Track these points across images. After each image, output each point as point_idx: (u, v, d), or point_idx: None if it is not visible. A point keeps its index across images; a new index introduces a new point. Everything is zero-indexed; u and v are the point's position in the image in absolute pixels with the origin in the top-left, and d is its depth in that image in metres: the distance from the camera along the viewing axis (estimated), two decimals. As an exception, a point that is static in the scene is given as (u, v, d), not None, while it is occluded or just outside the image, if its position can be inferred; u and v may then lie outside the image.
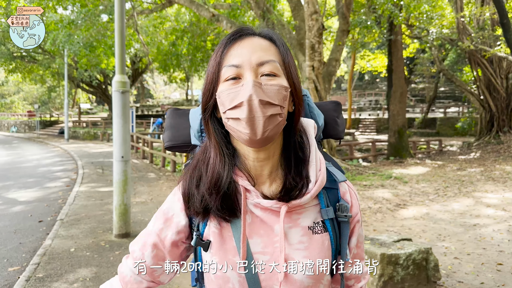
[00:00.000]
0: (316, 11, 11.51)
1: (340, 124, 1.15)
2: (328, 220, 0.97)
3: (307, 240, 0.94)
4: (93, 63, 20.24)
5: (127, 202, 5.81)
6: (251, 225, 0.95)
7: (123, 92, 5.62)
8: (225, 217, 0.94)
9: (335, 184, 1.01)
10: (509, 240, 5.74)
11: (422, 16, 15.29)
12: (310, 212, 0.97)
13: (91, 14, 12.59)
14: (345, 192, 1.02)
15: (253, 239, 0.94)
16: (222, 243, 0.95)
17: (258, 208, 0.95)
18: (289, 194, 0.94)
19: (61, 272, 4.59)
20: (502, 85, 19.17)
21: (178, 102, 49.57)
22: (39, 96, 46.73)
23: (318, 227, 0.96)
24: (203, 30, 17.23)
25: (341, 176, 1.02)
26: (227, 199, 0.94)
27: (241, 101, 0.86)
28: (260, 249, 0.94)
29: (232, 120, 0.89)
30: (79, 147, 22.70)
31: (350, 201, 1.01)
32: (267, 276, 0.93)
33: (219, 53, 0.94)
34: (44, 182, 10.90)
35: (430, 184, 10.22)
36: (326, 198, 0.98)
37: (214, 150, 0.97)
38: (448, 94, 40.37)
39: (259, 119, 0.86)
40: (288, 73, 0.94)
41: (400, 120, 16.54)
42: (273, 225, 0.94)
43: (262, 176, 0.97)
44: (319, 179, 0.95)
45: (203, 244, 0.96)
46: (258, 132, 0.87)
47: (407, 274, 3.91)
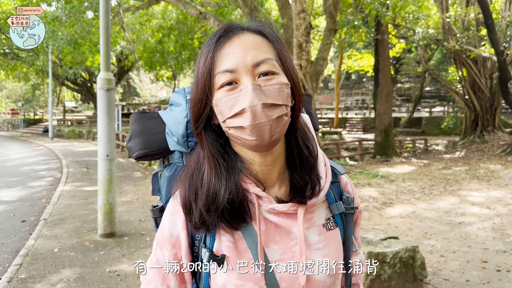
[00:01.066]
0: (304, 10, 11.51)
1: (315, 116, 1.12)
2: (337, 215, 0.96)
3: (324, 239, 0.92)
4: (78, 61, 19.95)
5: (112, 201, 5.73)
6: (265, 232, 0.89)
7: (108, 90, 5.54)
8: (235, 227, 0.88)
9: (336, 178, 0.99)
10: (493, 238, 5.81)
11: (408, 16, 15.41)
12: (321, 209, 0.94)
13: (76, 10, 12.41)
14: (346, 184, 1.00)
15: (269, 247, 0.89)
16: (238, 256, 0.88)
17: (272, 213, 0.89)
18: (301, 194, 0.90)
19: (44, 273, 4.49)
20: (486, 85, 19.47)
21: (165, 100, 49.25)
22: (23, 94, 45.93)
23: (330, 223, 0.94)
24: (190, 28, 17.12)
25: (341, 169, 1.00)
26: (236, 209, 0.87)
27: (243, 108, 0.80)
28: (278, 256, 0.89)
29: (234, 129, 0.83)
30: (64, 145, 22.39)
31: (352, 192, 1.00)
32: (289, 283, 0.88)
33: (208, 58, 0.86)
34: (28, 181, 10.71)
35: (416, 182, 10.31)
36: (333, 193, 0.96)
37: (209, 162, 0.90)
38: (433, 93, 40.82)
39: (265, 124, 0.80)
40: (285, 69, 0.88)
41: (386, 119, 16.67)
42: (290, 229, 0.89)
43: (270, 180, 0.92)
44: (328, 175, 0.94)
45: (218, 259, 0.87)
46: (265, 138, 0.81)
47: (394, 272, 3.91)
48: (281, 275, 0.88)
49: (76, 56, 18.12)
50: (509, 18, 17.78)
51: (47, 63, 25.60)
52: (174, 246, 0.92)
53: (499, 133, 19.59)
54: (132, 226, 6.34)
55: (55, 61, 27.52)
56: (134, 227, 6.32)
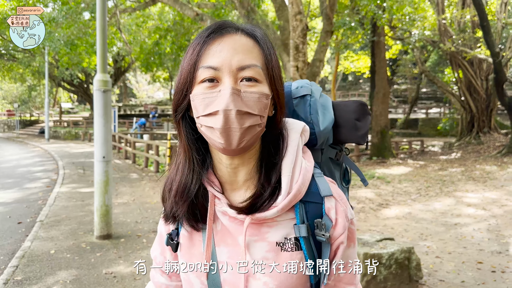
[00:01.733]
0: (300, 11, 11.53)
1: (360, 127, 1.04)
2: (302, 238, 0.86)
3: (272, 257, 0.86)
4: (75, 62, 19.90)
5: (108, 203, 5.72)
6: (219, 233, 0.90)
7: (104, 91, 5.54)
8: (193, 225, 0.91)
9: (320, 198, 0.88)
10: (488, 239, 5.84)
11: (404, 18, 15.48)
12: (283, 227, 0.87)
13: (73, 11, 12.40)
14: (330, 208, 0.87)
15: (220, 247, 0.90)
16: (190, 247, 0.93)
17: (226, 216, 0.89)
18: (258, 202, 0.86)
19: (40, 274, 4.49)
20: (482, 87, 19.57)
21: (162, 101, 49.16)
22: (19, 95, 45.78)
23: (289, 244, 0.86)
24: (187, 29, 17.12)
25: (326, 190, 0.88)
26: (199, 206, 0.90)
27: (217, 110, 0.79)
28: (226, 258, 0.89)
29: (205, 128, 0.83)
30: (60, 147, 22.33)
31: (335, 218, 0.87)
32: (230, 287, 0.88)
33: (196, 50, 0.84)
34: (24, 183, 10.67)
35: (412, 184, 10.35)
36: (302, 213, 0.87)
37: (184, 153, 0.91)
38: (430, 95, 40.96)
39: (235, 130, 0.79)
40: (270, 78, 0.86)
41: (383, 120, 16.72)
42: (237, 235, 0.89)
43: (236, 183, 0.90)
44: (292, 192, 0.85)
45: (171, 244, 0.95)
46: (233, 143, 0.81)
47: (390, 273, 3.93)
48: (225, 278, 0.89)
49: (73, 57, 18.08)
50: (505, 20, 17.88)
51: (43, 64, 25.56)
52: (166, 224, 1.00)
53: (495, 135, 19.68)
54: (128, 228, 6.33)
55: (51, 62, 27.45)
56: (131, 228, 6.31)
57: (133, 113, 39.21)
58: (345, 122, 1.03)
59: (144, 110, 40.78)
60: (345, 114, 1.04)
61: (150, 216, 7.11)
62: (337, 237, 0.88)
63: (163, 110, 38.93)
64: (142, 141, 14.98)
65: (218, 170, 0.91)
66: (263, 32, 0.89)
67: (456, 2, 19.52)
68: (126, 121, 32.74)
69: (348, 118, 1.03)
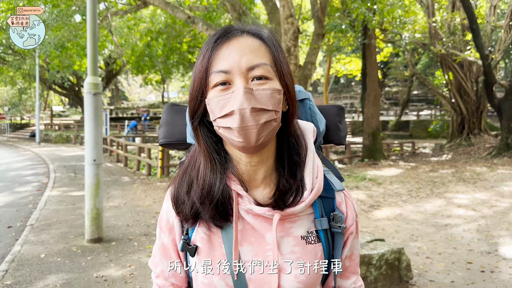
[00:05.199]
0: (292, 14, 11.58)
1: (342, 129, 1.10)
2: (321, 231, 0.93)
3: (299, 251, 0.90)
4: (66, 65, 19.80)
5: (99, 206, 5.70)
6: (242, 232, 0.91)
7: (95, 94, 5.52)
8: (218, 224, 0.90)
9: (331, 193, 0.96)
10: (478, 239, 5.90)
11: (395, 20, 15.61)
12: (304, 221, 0.92)
13: (63, 14, 12.33)
14: (341, 202, 0.97)
15: (243, 246, 0.90)
16: (210, 249, 0.92)
17: (250, 214, 0.90)
18: (282, 199, 0.90)
19: (31, 279, 4.45)
20: (472, 89, 19.76)
21: (154, 104, 49.02)
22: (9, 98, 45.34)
23: (312, 237, 0.92)
24: (178, 32, 17.11)
25: (339, 185, 0.97)
26: (220, 205, 0.90)
27: (232, 110, 0.82)
28: (250, 257, 0.90)
29: (223, 129, 0.86)
30: (51, 150, 22.16)
31: (346, 211, 0.97)
32: (257, 285, 0.89)
33: (206, 57, 0.88)
34: (14, 187, 10.58)
35: (403, 185, 10.41)
36: (321, 208, 0.94)
37: (204, 157, 0.93)
38: (421, 97, 41.31)
39: (252, 128, 0.82)
40: (280, 74, 0.89)
41: (374, 122, 16.81)
42: (264, 233, 0.90)
43: (255, 181, 0.93)
44: (316, 187, 0.91)
45: (189, 249, 0.93)
46: (252, 141, 0.83)
47: (380, 274, 3.96)
48: (251, 277, 0.89)
49: (64, 60, 17.99)
50: (494, 23, 18.09)
51: (34, 67, 25.37)
52: (170, 232, 0.98)
53: (485, 136, 19.89)
54: (119, 231, 6.30)
55: (42, 65, 27.28)
56: (122, 232, 6.29)
57: (125, 116, 39.02)
58: (331, 124, 1.08)
59: (136, 113, 40.58)
60: (330, 117, 1.09)
61: (142, 219, 7.08)
62: (348, 228, 0.98)
63: (155, 113, 38.81)
64: (134, 144, 14.93)
65: (237, 169, 0.92)
66: (269, 31, 0.93)
67: (446, 5, 19.72)
68: (118, 124, 32.58)
69: (333, 121, 1.09)
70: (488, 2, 18.32)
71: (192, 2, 16.76)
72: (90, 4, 5.48)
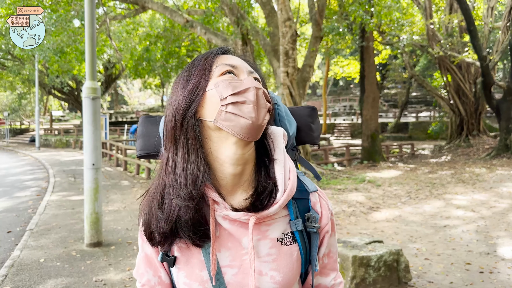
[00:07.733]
0: (290, 18, 11.63)
1: (315, 129, 1.11)
2: (297, 232, 0.95)
3: (275, 252, 0.92)
4: (65, 69, 19.83)
5: (98, 210, 5.71)
6: (219, 238, 0.92)
7: (93, 99, 5.54)
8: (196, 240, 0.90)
9: (306, 194, 0.98)
10: (477, 240, 5.91)
11: (393, 23, 15.66)
12: (280, 223, 0.94)
13: (62, 19, 12.37)
14: (315, 203, 0.99)
15: (221, 252, 0.91)
16: (189, 257, 0.92)
17: (226, 220, 0.91)
18: (259, 200, 0.91)
19: (30, 283, 4.46)
20: (470, 90, 19.81)
21: (154, 108, 49.03)
22: (9, 104, 45.40)
23: (287, 238, 0.94)
24: (177, 36, 17.17)
25: (312, 186, 0.98)
26: (197, 213, 0.89)
27: (248, 87, 0.88)
28: (228, 262, 0.91)
29: (233, 106, 0.86)
30: (51, 155, 22.17)
31: (320, 211, 0.99)
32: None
33: (208, 58, 0.94)
34: (14, 192, 10.59)
35: (402, 187, 10.42)
36: (295, 209, 0.96)
37: (190, 153, 0.90)
38: (419, 99, 41.35)
39: (263, 106, 0.88)
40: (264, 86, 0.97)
41: (373, 124, 16.84)
42: (241, 237, 0.91)
43: (235, 186, 0.93)
44: (288, 188, 0.92)
45: (168, 260, 0.93)
46: (260, 117, 0.87)
47: (379, 276, 3.97)
48: (229, 281, 0.91)
49: (63, 64, 18.01)
50: (491, 24, 18.15)
51: (33, 72, 25.41)
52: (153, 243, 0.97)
53: (484, 137, 19.92)
54: (119, 235, 6.31)
55: (41, 70, 27.32)
56: (121, 236, 6.29)
57: (124, 120, 39.07)
58: (303, 125, 1.10)
59: (136, 117, 40.64)
60: (301, 118, 1.10)
61: (141, 223, 7.08)
62: (323, 227, 1.00)
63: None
64: (134, 148, 14.92)
65: (214, 175, 0.92)
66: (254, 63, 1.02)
67: (443, 7, 19.78)
68: (118, 128, 32.59)
69: (305, 122, 1.10)
70: (485, 4, 18.39)
71: (190, 6, 16.83)
72: (88, 9, 5.50)
